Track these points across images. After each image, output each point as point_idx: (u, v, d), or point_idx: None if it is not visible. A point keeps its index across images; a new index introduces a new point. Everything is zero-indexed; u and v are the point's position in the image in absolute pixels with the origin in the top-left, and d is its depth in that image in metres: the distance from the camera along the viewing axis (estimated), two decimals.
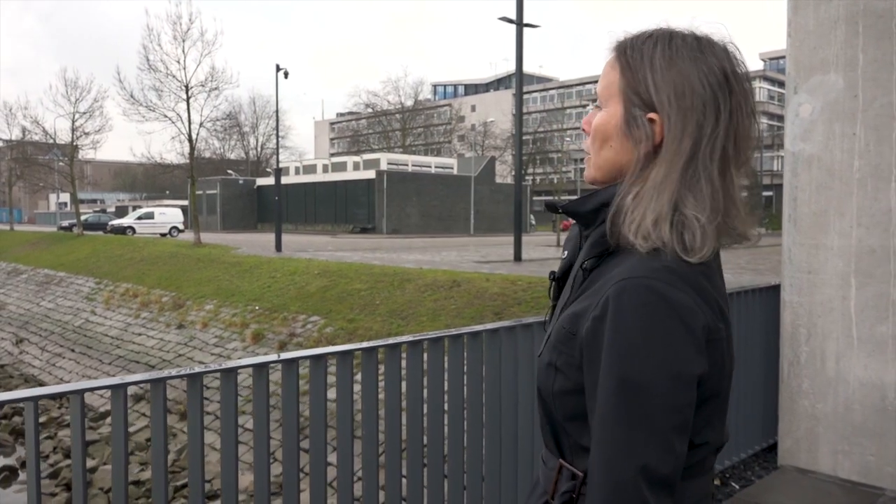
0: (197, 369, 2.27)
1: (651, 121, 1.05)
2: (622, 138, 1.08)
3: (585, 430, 1.06)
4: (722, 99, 1.04)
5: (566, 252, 1.26)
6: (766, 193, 56.89)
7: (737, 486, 4.27)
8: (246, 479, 7.27)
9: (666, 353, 0.97)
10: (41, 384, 14.87)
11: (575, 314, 1.07)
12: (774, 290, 4.62)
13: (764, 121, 63.36)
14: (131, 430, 11.06)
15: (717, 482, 4.30)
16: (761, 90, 65.21)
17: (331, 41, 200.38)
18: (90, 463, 10.20)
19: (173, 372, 2.29)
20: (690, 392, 0.99)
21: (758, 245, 1.18)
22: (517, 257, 18.04)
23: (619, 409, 0.97)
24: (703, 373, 1.00)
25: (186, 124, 25.98)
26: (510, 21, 17.98)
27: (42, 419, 12.31)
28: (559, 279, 1.24)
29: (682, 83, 1.03)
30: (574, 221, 1.22)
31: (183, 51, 25.57)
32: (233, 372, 2.36)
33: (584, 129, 1.18)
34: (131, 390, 11.34)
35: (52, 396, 2.17)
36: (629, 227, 1.02)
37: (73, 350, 16.38)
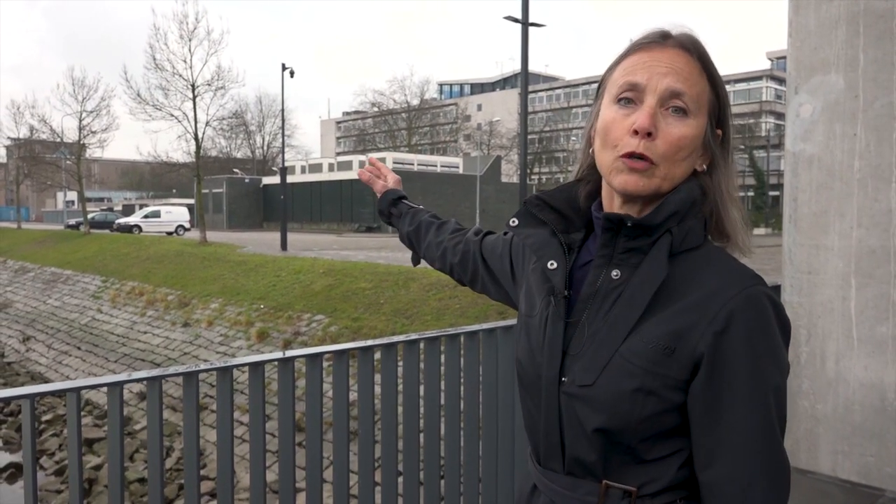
0: (193, 367, 2.29)
1: (718, 135, 1.11)
2: (698, 150, 1.09)
3: (656, 445, 1.05)
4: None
5: (552, 263, 1.15)
6: (772, 193, 56.77)
7: None
8: (244, 479, 7.30)
9: (785, 356, 1.05)
10: (47, 382, 14.96)
11: (673, 332, 1.01)
12: (775, 291, 4.62)
13: (771, 120, 63.16)
14: (137, 427, 11.12)
15: None
16: (768, 89, 64.98)
17: (336, 39, 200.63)
18: (96, 460, 10.28)
19: (170, 370, 2.31)
20: None
21: (763, 245, 1.23)
22: None
23: (772, 415, 1.02)
24: None
25: (193, 123, 26.12)
26: (516, 20, 17.98)
27: (48, 416, 12.40)
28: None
29: (725, 95, 1.11)
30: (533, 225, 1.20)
31: (189, 50, 25.74)
32: (229, 370, 2.38)
33: (646, 131, 1.04)
34: (137, 388, 11.40)
35: (50, 394, 2.20)
36: (727, 229, 1.11)
37: (79, 348, 16.48)
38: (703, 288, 1.02)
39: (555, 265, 1.14)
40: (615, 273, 1.08)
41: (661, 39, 1.08)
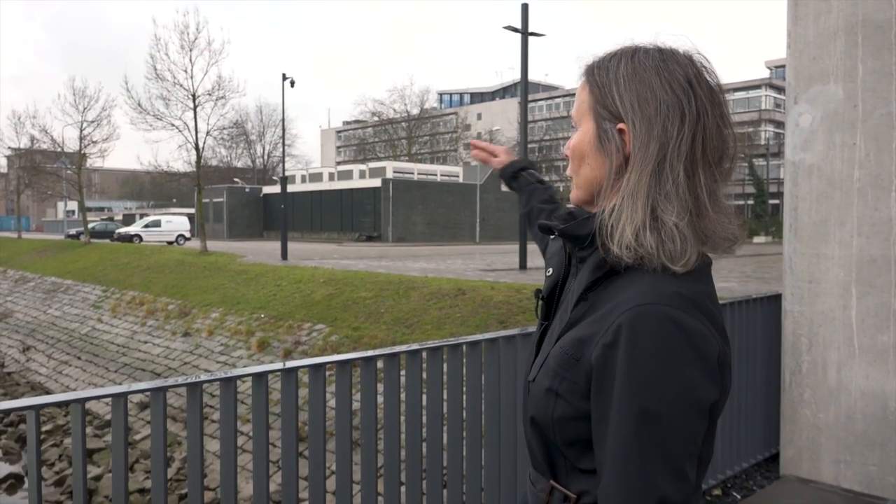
0: (197, 378, 2.30)
1: (621, 131, 1.07)
2: (596, 153, 1.10)
3: (585, 454, 1.05)
4: (686, 103, 1.04)
5: (550, 269, 1.25)
6: (772, 202, 56.77)
7: (738, 496, 4.26)
8: (247, 488, 7.28)
9: (683, 383, 0.96)
10: (47, 392, 14.92)
11: (579, 339, 1.04)
12: (776, 300, 4.63)
13: (770, 129, 63.24)
14: (138, 437, 11.09)
15: (718, 492, 4.29)
16: (767, 98, 65.09)
17: (336, 48, 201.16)
18: (96, 471, 10.24)
19: (174, 381, 2.31)
20: (705, 420, 0.99)
21: (763, 253, 1.20)
22: (522, 266, 18.05)
23: (637, 440, 0.95)
24: (716, 399, 1.00)
25: (193, 133, 26.13)
26: (515, 30, 18.05)
27: (48, 427, 12.36)
28: (547, 298, 1.23)
29: (644, 90, 1.05)
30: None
31: (190, 60, 25.76)
32: (233, 381, 2.38)
33: (565, 154, 1.18)
34: (137, 398, 11.38)
35: (55, 405, 2.20)
36: (614, 240, 1.02)
37: (79, 358, 16.45)
38: (612, 301, 1.03)
39: (549, 272, 1.24)
40: (573, 281, 1.16)
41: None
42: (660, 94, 1.04)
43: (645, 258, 1.01)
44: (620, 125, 1.07)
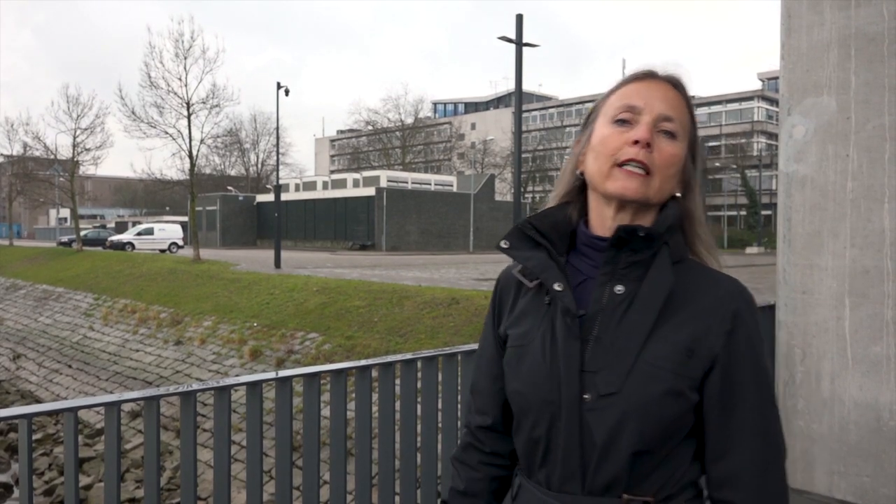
0: (190, 387, 2.28)
1: (691, 157, 1.23)
2: (680, 173, 1.21)
3: (673, 448, 1.14)
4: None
5: (558, 284, 1.17)
6: (764, 212, 57.03)
7: None
8: (240, 498, 7.24)
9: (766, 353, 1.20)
10: (38, 400, 14.82)
11: (693, 335, 1.12)
12: (769, 310, 4.64)
13: (763, 140, 63.60)
14: (128, 446, 11.02)
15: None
16: (759, 110, 65.50)
17: (331, 56, 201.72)
18: (86, 480, 10.16)
19: (167, 389, 2.30)
20: None
21: (756, 264, 1.32)
22: None
23: (773, 410, 1.17)
24: None
25: (187, 141, 26.13)
26: (510, 41, 18.13)
27: (38, 436, 12.26)
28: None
29: (699, 136, 1.25)
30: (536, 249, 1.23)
31: (185, 68, 25.79)
32: (227, 390, 2.37)
33: (646, 141, 1.15)
34: (128, 407, 11.32)
35: (47, 413, 2.18)
36: (704, 247, 1.22)
37: (70, 366, 16.35)
38: (708, 293, 1.15)
39: (561, 287, 1.17)
40: (619, 288, 1.14)
41: (652, 74, 1.22)
42: (698, 134, 1.25)
43: (703, 252, 1.22)
44: (693, 163, 1.24)
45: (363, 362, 2.70)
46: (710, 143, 66.60)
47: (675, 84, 1.21)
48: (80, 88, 55.19)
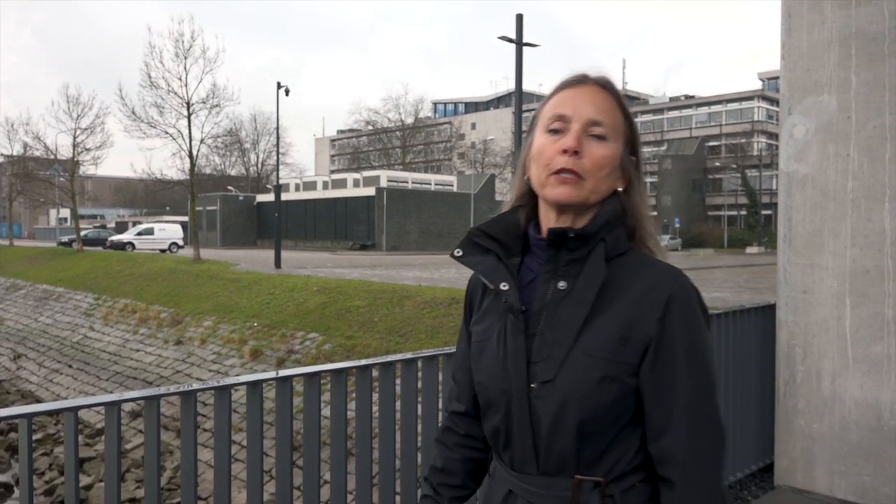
0: (191, 387, 2.28)
1: (633, 161, 1.30)
2: (617, 171, 1.28)
3: (619, 431, 1.20)
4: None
5: (503, 284, 1.27)
6: (764, 212, 56.99)
7: None
8: (241, 498, 7.24)
9: (710, 338, 1.25)
10: (38, 400, 14.81)
11: (626, 323, 1.19)
12: (770, 310, 4.63)
13: (763, 140, 63.59)
14: (129, 446, 11.01)
15: None
16: (760, 109, 65.47)
17: (331, 56, 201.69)
18: (86, 480, 10.15)
19: (168, 389, 2.30)
20: None
21: (755, 263, 1.32)
22: None
23: (708, 388, 1.20)
24: None
25: (187, 141, 26.08)
26: (510, 40, 18.12)
27: (39, 436, 12.25)
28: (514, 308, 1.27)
29: (638, 130, 1.33)
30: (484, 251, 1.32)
31: (185, 68, 25.73)
32: (227, 389, 2.37)
33: (573, 150, 1.23)
34: (129, 406, 11.32)
35: (47, 413, 2.18)
36: (646, 238, 1.29)
37: (70, 366, 16.34)
38: (642, 283, 1.21)
39: (507, 286, 1.27)
40: (561, 284, 1.23)
41: (582, 79, 1.29)
42: (636, 129, 1.33)
43: (651, 244, 1.29)
44: (633, 157, 1.31)
45: (363, 362, 2.70)
46: (711, 143, 66.58)
47: (604, 85, 1.28)
48: (80, 88, 55.22)
